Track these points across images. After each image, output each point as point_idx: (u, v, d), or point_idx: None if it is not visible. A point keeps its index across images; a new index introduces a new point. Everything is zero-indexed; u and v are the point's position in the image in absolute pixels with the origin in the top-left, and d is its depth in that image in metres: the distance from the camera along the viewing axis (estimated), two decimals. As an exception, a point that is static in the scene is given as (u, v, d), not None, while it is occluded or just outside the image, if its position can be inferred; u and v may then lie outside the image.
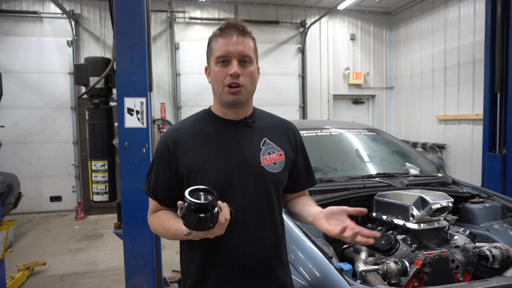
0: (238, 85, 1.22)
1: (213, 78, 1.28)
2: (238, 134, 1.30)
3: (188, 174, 1.24)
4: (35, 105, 6.95)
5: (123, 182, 2.65)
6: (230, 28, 1.23)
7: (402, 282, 1.86)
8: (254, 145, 1.30)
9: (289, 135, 1.40)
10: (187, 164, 1.25)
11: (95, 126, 2.84)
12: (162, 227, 1.25)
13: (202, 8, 7.79)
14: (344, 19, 8.52)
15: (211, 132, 1.29)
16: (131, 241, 2.69)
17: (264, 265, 1.28)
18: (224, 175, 1.24)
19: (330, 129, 3.16)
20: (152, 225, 1.32)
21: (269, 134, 1.34)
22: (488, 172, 4.41)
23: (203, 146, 1.26)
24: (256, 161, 1.28)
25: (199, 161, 1.24)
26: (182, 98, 7.70)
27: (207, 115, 1.34)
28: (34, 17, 6.95)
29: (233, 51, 1.21)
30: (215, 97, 1.32)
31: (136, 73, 2.63)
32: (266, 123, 1.37)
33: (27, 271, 4.03)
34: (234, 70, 1.20)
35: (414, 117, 8.11)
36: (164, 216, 1.27)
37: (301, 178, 1.45)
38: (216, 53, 1.24)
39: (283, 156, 1.34)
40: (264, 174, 1.28)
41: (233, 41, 1.21)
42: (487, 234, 2.37)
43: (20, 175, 5.77)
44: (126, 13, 2.60)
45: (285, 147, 1.36)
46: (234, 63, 1.21)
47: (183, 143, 1.27)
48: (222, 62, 1.23)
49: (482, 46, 5.85)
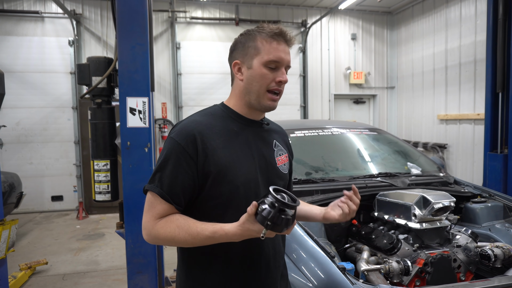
0: (280, 93, 1.26)
1: (254, 79, 1.22)
2: (256, 134, 1.31)
3: (217, 173, 1.16)
4: (37, 104, 6.96)
5: (125, 181, 2.66)
6: (283, 36, 1.23)
7: (404, 281, 1.86)
8: (269, 146, 1.33)
9: (286, 140, 1.47)
10: (217, 162, 1.16)
11: (98, 125, 2.85)
12: (185, 232, 1.09)
13: (203, 8, 7.79)
14: (345, 18, 8.52)
15: (234, 129, 1.25)
16: (133, 241, 2.69)
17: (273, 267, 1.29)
18: (252, 175, 1.23)
19: (332, 129, 3.16)
20: (167, 232, 1.12)
21: (277, 137, 1.39)
22: (490, 172, 4.41)
23: (230, 144, 1.21)
24: (273, 161, 1.31)
25: (228, 159, 1.18)
26: (183, 98, 7.70)
27: (225, 111, 1.28)
28: (35, 17, 6.95)
29: (285, 59, 1.23)
30: (244, 97, 1.26)
31: (138, 72, 2.64)
32: (271, 127, 1.42)
33: (29, 270, 4.04)
34: (285, 78, 1.24)
35: (415, 116, 8.10)
36: (184, 220, 1.12)
37: (290, 181, 1.49)
38: (268, 55, 1.21)
39: (287, 158, 1.40)
40: (279, 175, 1.32)
41: (284, 49, 1.23)
42: (489, 233, 2.37)
43: (22, 175, 5.79)
44: (128, 13, 2.60)
45: (286, 150, 1.42)
46: (283, 71, 1.24)
47: (211, 139, 1.18)
48: (271, 67, 1.22)
49: (483, 45, 5.86)
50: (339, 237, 2.36)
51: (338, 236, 2.35)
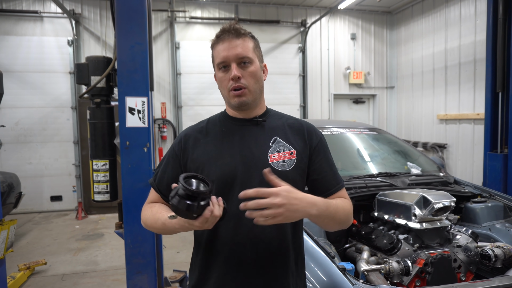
0: (241, 87, 1.24)
1: (219, 85, 1.31)
2: (247, 131, 1.31)
3: (195, 169, 1.28)
4: (36, 104, 6.94)
5: (124, 181, 2.65)
6: (225, 33, 1.25)
7: (405, 281, 1.85)
8: (263, 142, 1.30)
9: (303, 134, 1.35)
10: (196, 159, 1.29)
11: (97, 125, 2.83)
12: (153, 217, 1.25)
13: (203, 7, 7.79)
14: (345, 18, 8.51)
15: (223, 130, 1.33)
16: (133, 241, 2.68)
17: (268, 268, 1.25)
18: (229, 170, 1.24)
19: (331, 129, 3.15)
20: (144, 214, 1.31)
21: (281, 133, 1.33)
22: (490, 172, 4.40)
23: (212, 143, 1.31)
24: (263, 158, 1.27)
25: (206, 156, 1.29)
26: (183, 97, 7.69)
27: (221, 116, 1.39)
28: (34, 17, 6.94)
29: (230, 55, 1.23)
30: (225, 101, 1.34)
31: (138, 72, 2.63)
32: (279, 123, 1.36)
33: (27, 270, 4.02)
34: (233, 73, 1.23)
35: (415, 116, 8.10)
36: (158, 207, 1.27)
37: (327, 179, 1.34)
38: (216, 60, 1.27)
39: (294, 154, 1.29)
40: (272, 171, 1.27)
41: (229, 46, 1.23)
42: (489, 233, 2.37)
43: (21, 175, 5.78)
44: (127, 12, 2.59)
45: (297, 145, 1.31)
46: (233, 67, 1.23)
47: (195, 140, 1.33)
48: (223, 68, 1.26)
49: (483, 45, 5.85)
50: (339, 237, 2.35)
51: (338, 236, 2.35)
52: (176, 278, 3.67)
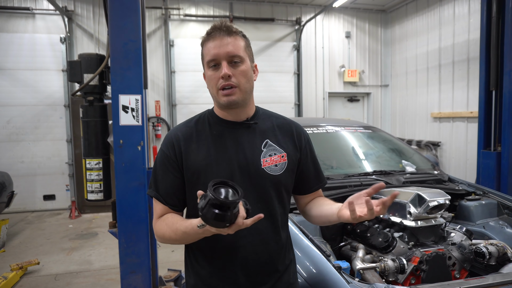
0: (231, 86, 1.22)
1: (208, 83, 1.28)
2: (240, 136, 1.29)
3: (191, 175, 1.25)
4: (28, 102, 6.86)
5: (118, 180, 2.62)
6: (216, 30, 1.23)
7: (400, 279, 1.86)
8: (255, 147, 1.29)
9: (293, 135, 1.37)
10: (191, 166, 1.25)
11: (90, 123, 2.80)
12: (170, 229, 1.20)
13: (197, 5, 7.74)
14: (340, 16, 8.52)
15: (213, 133, 1.29)
16: (127, 240, 2.66)
17: (267, 268, 1.28)
18: (226, 177, 1.21)
19: (326, 127, 3.15)
20: (159, 229, 1.25)
21: (271, 136, 1.33)
22: (483, 170, 4.43)
23: (206, 148, 1.27)
24: (256, 163, 1.26)
25: (202, 162, 1.25)
26: (177, 95, 7.65)
27: (209, 117, 1.34)
28: (26, 14, 6.85)
29: (221, 53, 1.21)
30: (213, 100, 1.32)
31: (131, 70, 2.60)
32: (268, 124, 1.35)
33: (20, 270, 3.98)
34: (224, 72, 1.20)
35: (409, 114, 8.14)
36: (171, 218, 1.23)
37: (310, 178, 1.42)
38: (206, 58, 1.24)
39: (285, 157, 1.31)
40: (264, 177, 1.27)
41: (220, 43, 1.21)
42: (483, 231, 2.38)
43: (13, 174, 5.71)
44: (120, 9, 2.56)
45: (288, 148, 1.33)
46: (223, 65, 1.21)
47: (187, 144, 1.28)
48: (213, 66, 1.23)
49: (476, 44, 5.89)
50: (334, 236, 2.35)
51: (333, 234, 2.34)
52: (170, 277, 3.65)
